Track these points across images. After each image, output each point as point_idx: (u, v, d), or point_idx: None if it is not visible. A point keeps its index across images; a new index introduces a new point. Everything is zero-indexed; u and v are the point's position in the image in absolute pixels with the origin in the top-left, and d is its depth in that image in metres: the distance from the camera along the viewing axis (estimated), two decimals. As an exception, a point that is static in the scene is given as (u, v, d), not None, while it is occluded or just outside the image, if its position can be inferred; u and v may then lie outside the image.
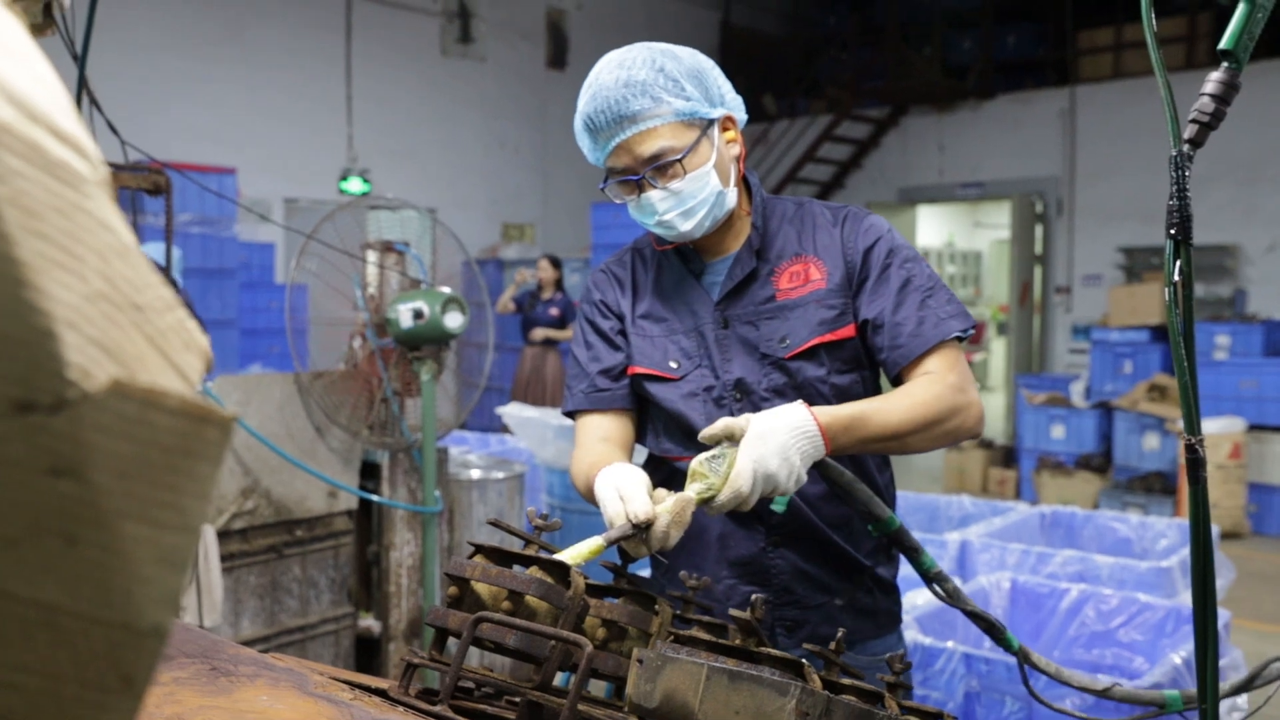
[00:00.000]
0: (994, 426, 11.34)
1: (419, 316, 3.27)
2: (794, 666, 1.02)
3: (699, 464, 1.43)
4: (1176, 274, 0.91)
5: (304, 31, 10.64)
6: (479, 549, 1.21)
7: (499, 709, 1.11)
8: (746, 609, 1.15)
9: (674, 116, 1.57)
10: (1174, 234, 0.91)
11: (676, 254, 1.75)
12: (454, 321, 3.30)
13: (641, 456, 1.81)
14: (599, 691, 1.37)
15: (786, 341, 1.64)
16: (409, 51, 11.59)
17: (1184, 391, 0.91)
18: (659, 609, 1.23)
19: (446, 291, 3.32)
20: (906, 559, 1.58)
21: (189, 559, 0.42)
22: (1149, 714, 1.50)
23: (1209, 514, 0.95)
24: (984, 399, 1.63)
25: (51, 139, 0.40)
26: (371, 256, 3.44)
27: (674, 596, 1.31)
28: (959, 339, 1.61)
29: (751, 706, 0.96)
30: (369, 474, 3.50)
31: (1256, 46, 0.97)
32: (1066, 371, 11.01)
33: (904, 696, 1.16)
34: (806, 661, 1.03)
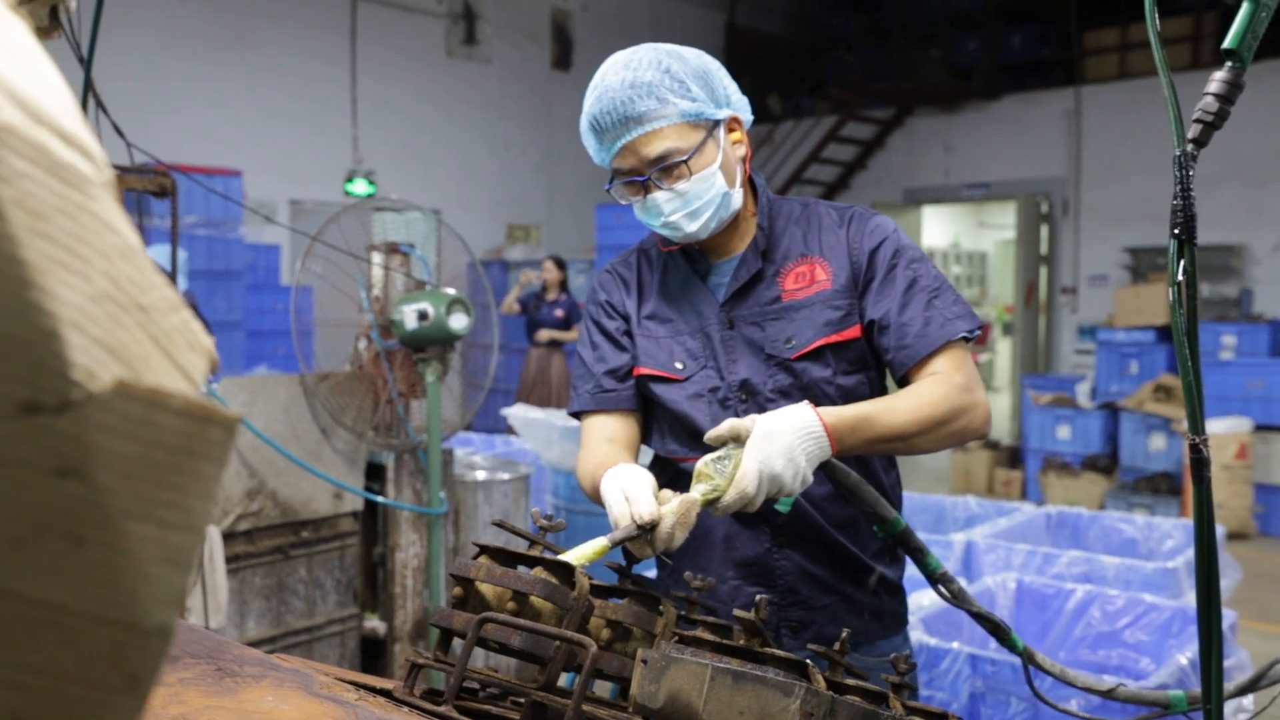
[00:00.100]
0: (1000, 427, 11.32)
1: (424, 318, 3.28)
2: (798, 667, 1.02)
3: (704, 465, 1.43)
4: (1180, 274, 0.91)
5: (309, 34, 10.67)
6: (484, 550, 1.21)
7: (504, 709, 1.11)
8: (751, 609, 1.15)
9: (680, 118, 1.57)
10: (1178, 234, 0.91)
11: (682, 255, 1.75)
12: (459, 323, 3.30)
13: (647, 457, 1.81)
14: (604, 692, 1.37)
15: (792, 342, 1.63)
16: (414, 53, 11.61)
17: (1188, 391, 0.91)
18: (664, 609, 1.23)
19: (451, 293, 3.33)
20: (912, 560, 1.58)
21: (194, 559, 0.42)
22: (1154, 715, 1.50)
23: (1213, 514, 0.95)
24: (989, 400, 1.63)
25: (57, 141, 0.40)
26: (376, 258, 3.45)
27: (679, 597, 1.31)
28: (965, 339, 1.60)
29: (756, 707, 0.96)
30: (374, 475, 3.50)
31: (1263, 46, 0.97)
32: (1072, 372, 11.00)
33: (909, 697, 1.16)
34: (811, 662, 1.03)
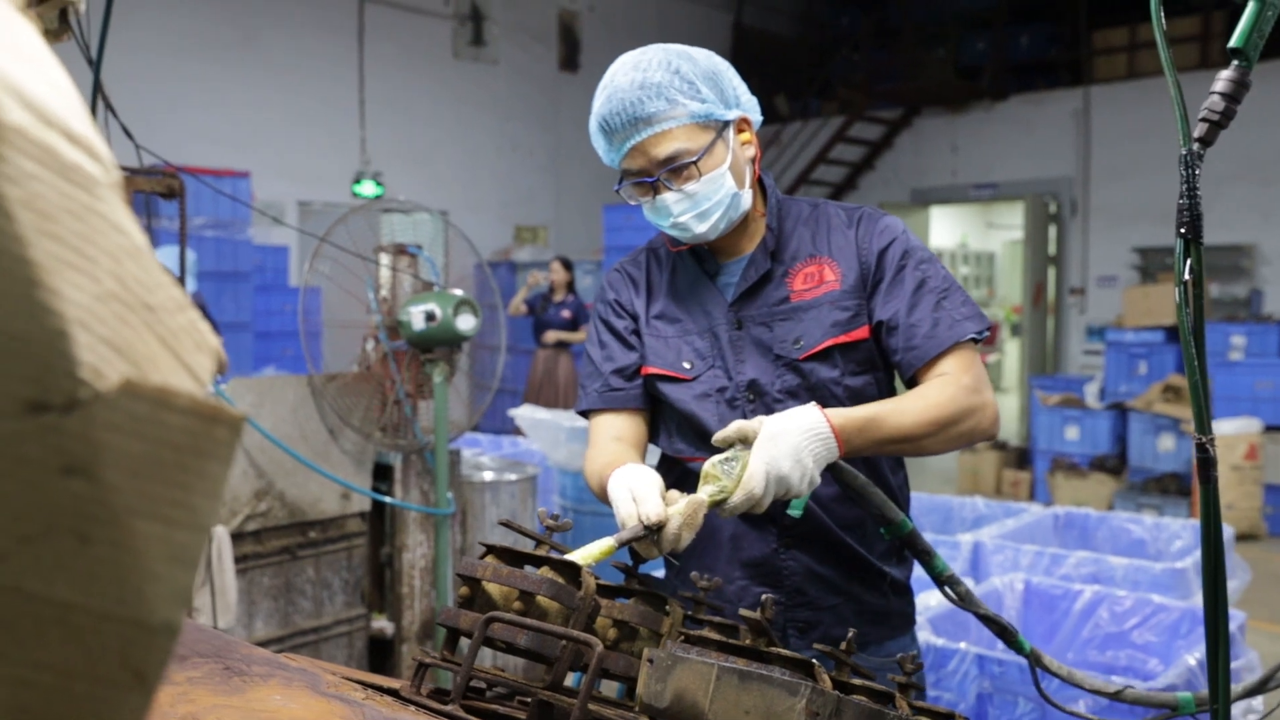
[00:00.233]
0: (1008, 428, 11.30)
1: (431, 319, 3.28)
2: (804, 667, 1.02)
3: (711, 466, 1.43)
4: (1187, 273, 0.91)
5: (316, 35, 10.69)
6: (490, 549, 1.21)
7: (511, 709, 1.11)
8: (758, 609, 1.15)
9: (689, 118, 1.57)
10: (1184, 233, 0.91)
11: (691, 255, 1.75)
12: (466, 324, 3.31)
13: (655, 456, 1.81)
14: (611, 692, 1.37)
15: (800, 343, 1.63)
16: (421, 55, 11.62)
17: (1194, 390, 0.91)
18: (670, 609, 1.23)
19: (459, 294, 3.33)
20: (919, 562, 1.58)
21: (199, 557, 0.42)
22: (1162, 717, 1.49)
23: (1220, 514, 0.95)
24: (998, 400, 1.62)
25: (65, 143, 0.40)
26: (384, 259, 3.46)
27: (685, 597, 1.31)
28: (974, 340, 1.60)
29: (761, 706, 0.96)
30: (382, 476, 3.51)
31: (1273, 46, 0.97)
32: (1081, 373, 10.97)
33: (916, 697, 1.16)
34: (817, 662, 1.03)
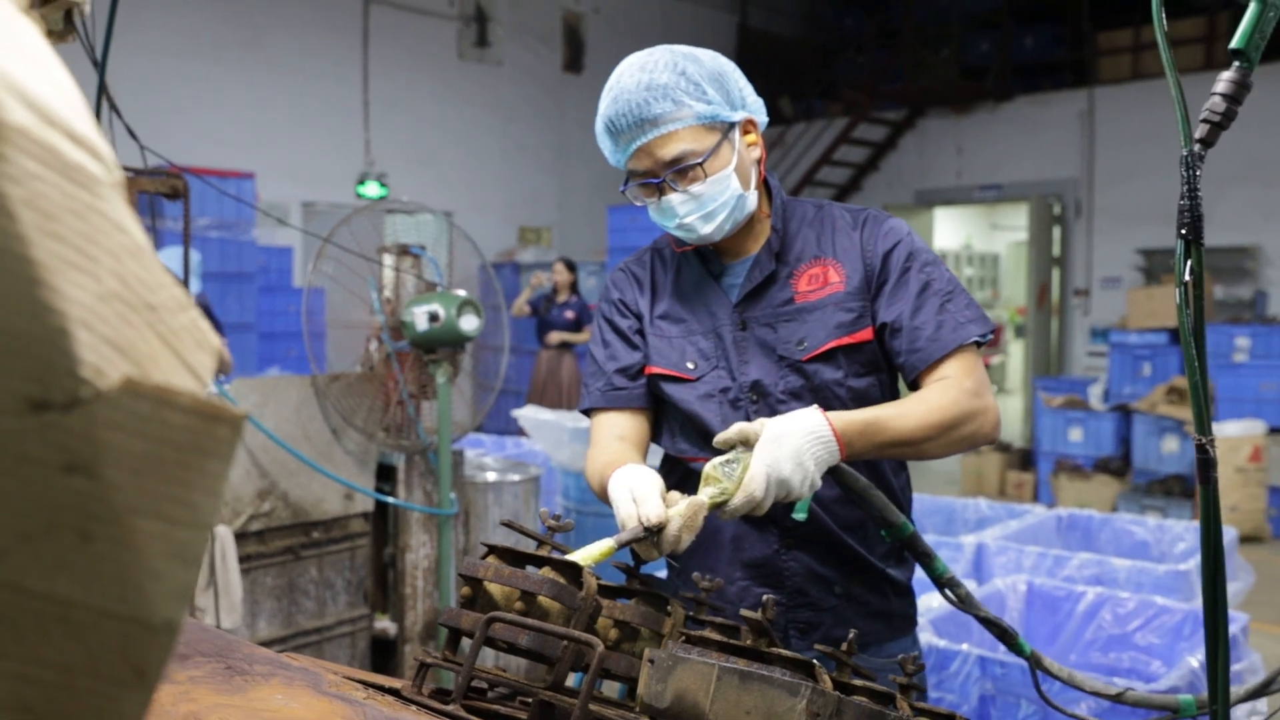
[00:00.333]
0: (1011, 429, 11.29)
1: (434, 319, 3.29)
2: (805, 667, 1.02)
3: (712, 468, 1.43)
4: (1187, 274, 0.91)
5: (321, 36, 10.71)
6: (492, 550, 1.21)
7: (512, 709, 1.11)
8: (758, 610, 1.15)
9: (695, 120, 1.57)
10: (1185, 234, 0.91)
11: (696, 255, 1.75)
12: (469, 324, 3.31)
13: (657, 456, 1.81)
14: (613, 692, 1.37)
15: (804, 344, 1.64)
16: (426, 56, 11.64)
17: (1194, 391, 0.91)
18: (671, 610, 1.23)
19: (462, 294, 3.34)
20: (920, 565, 1.58)
21: (200, 555, 0.43)
22: (1163, 719, 1.49)
23: (1220, 514, 0.95)
24: (1001, 402, 1.63)
25: (68, 143, 0.41)
26: (388, 260, 3.46)
27: (687, 598, 1.31)
28: (977, 344, 1.60)
29: (762, 707, 0.96)
30: (385, 476, 3.51)
31: (1277, 47, 0.97)
32: (1085, 374, 10.96)
33: (917, 698, 1.16)
34: (818, 662, 1.03)
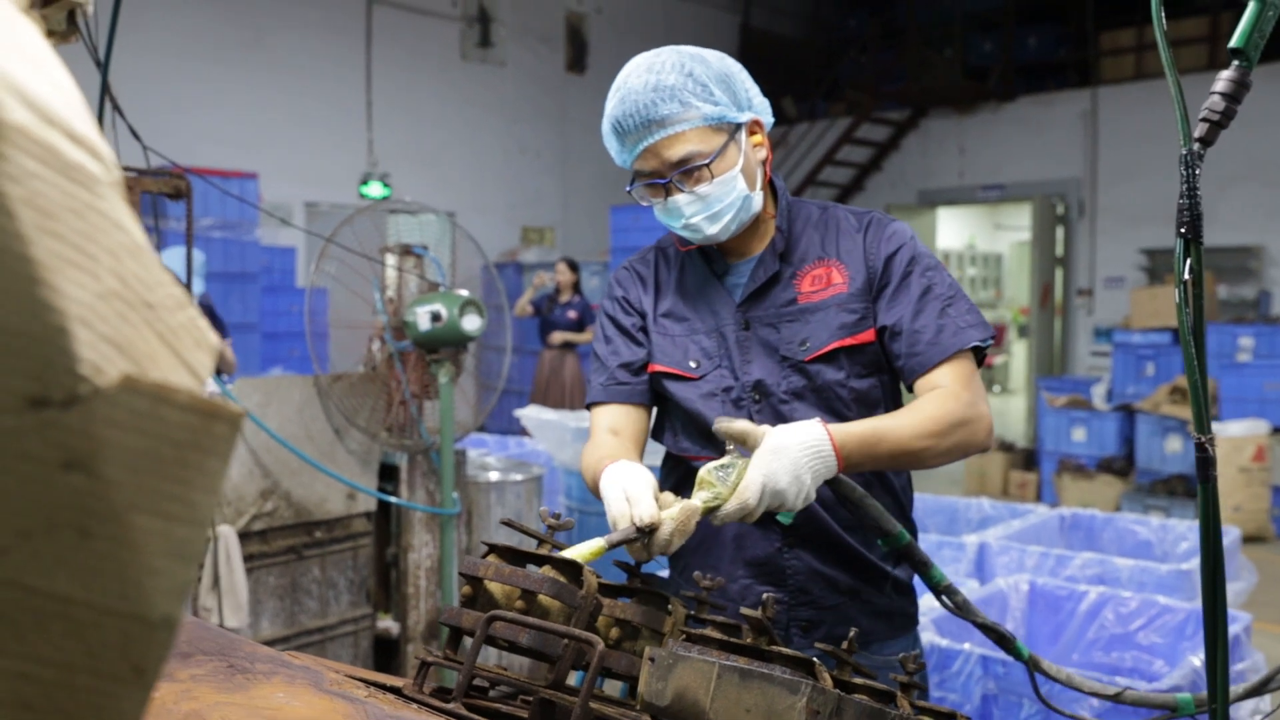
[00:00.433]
0: (1015, 429, 11.29)
1: (437, 319, 3.29)
2: (805, 665, 1.03)
3: (707, 472, 1.43)
4: (1187, 273, 0.91)
5: (324, 37, 10.72)
6: (493, 548, 1.21)
7: (513, 708, 1.11)
8: (759, 608, 1.15)
9: (702, 121, 1.58)
10: (1184, 233, 0.92)
11: (700, 254, 1.76)
12: (472, 324, 3.32)
13: (656, 455, 1.81)
14: (615, 691, 1.38)
15: (806, 344, 1.64)
16: (429, 56, 11.65)
17: (1194, 390, 0.91)
18: (672, 609, 1.23)
19: (464, 294, 3.34)
20: (916, 574, 1.59)
21: (199, 552, 0.43)
22: (1162, 717, 1.50)
23: (1219, 513, 0.95)
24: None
25: (67, 142, 0.41)
26: (390, 260, 3.46)
27: (688, 596, 1.32)
28: (977, 349, 1.61)
29: (762, 705, 0.97)
30: (387, 476, 3.52)
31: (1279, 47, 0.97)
32: (1088, 374, 10.95)
33: (918, 697, 1.16)
34: (818, 660, 1.03)
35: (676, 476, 1.75)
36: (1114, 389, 8.87)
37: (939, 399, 1.56)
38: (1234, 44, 0.93)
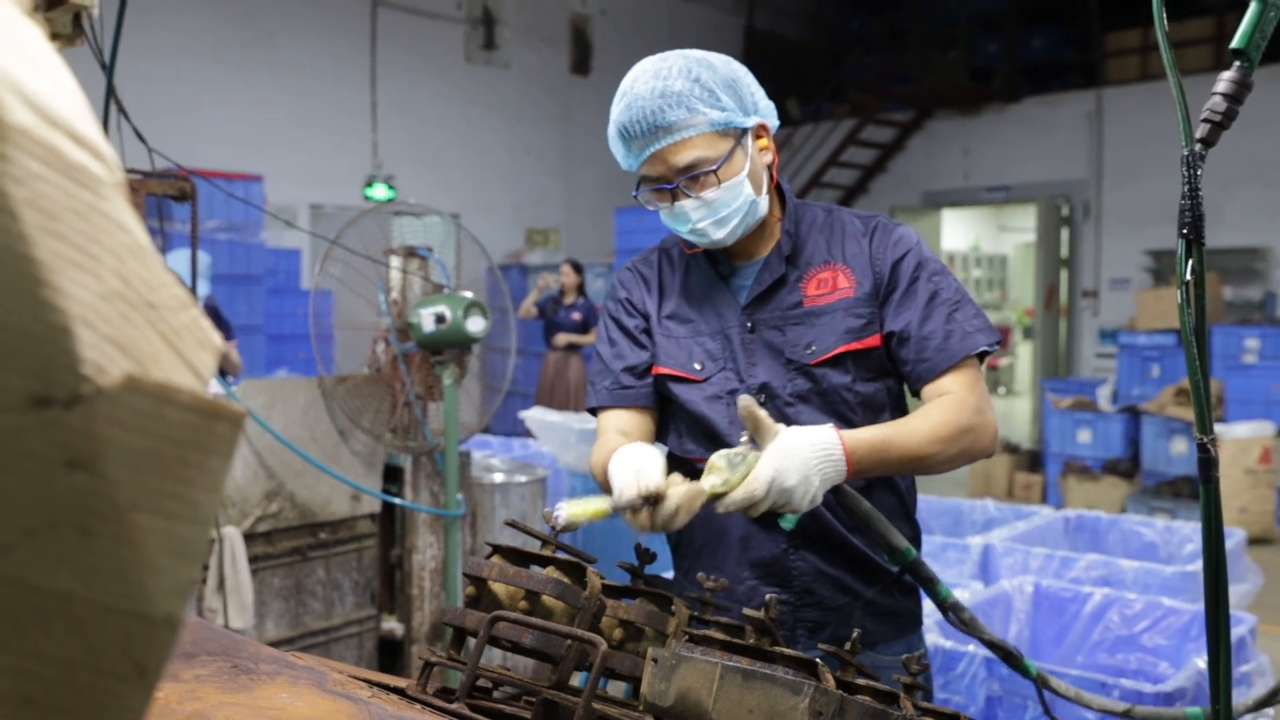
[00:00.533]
0: (1020, 431, 11.27)
1: (441, 321, 3.29)
2: (808, 666, 1.03)
3: (718, 459, 1.44)
4: (1189, 273, 0.91)
5: (329, 39, 10.73)
6: (497, 549, 1.22)
7: (517, 708, 1.11)
8: (762, 609, 1.15)
9: (709, 127, 1.58)
10: (1186, 233, 0.92)
11: (705, 256, 1.76)
12: (476, 326, 3.32)
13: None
14: (619, 692, 1.38)
15: (812, 348, 1.64)
16: (433, 58, 11.66)
17: (1196, 391, 0.91)
18: (675, 609, 1.23)
19: (469, 296, 3.34)
20: (923, 589, 1.59)
21: (201, 551, 0.43)
22: (1172, 733, 1.49)
23: (1221, 514, 0.95)
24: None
25: (70, 143, 0.41)
26: (395, 262, 3.47)
27: (691, 598, 1.32)
28: (983, 354, 1.61)
29: (765, 705, 0.97)
30: (392, 477, 3.52)
31: (1280, 48, 0.97)
32: (1093, 375, 10.93)
33: (922, 698, 1.16)
34: (821, 661, 1.03)
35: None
36: (1119, 390, 8.85)
37: (947, 406, 1.56)
38: (1235, 45, 0.93)
